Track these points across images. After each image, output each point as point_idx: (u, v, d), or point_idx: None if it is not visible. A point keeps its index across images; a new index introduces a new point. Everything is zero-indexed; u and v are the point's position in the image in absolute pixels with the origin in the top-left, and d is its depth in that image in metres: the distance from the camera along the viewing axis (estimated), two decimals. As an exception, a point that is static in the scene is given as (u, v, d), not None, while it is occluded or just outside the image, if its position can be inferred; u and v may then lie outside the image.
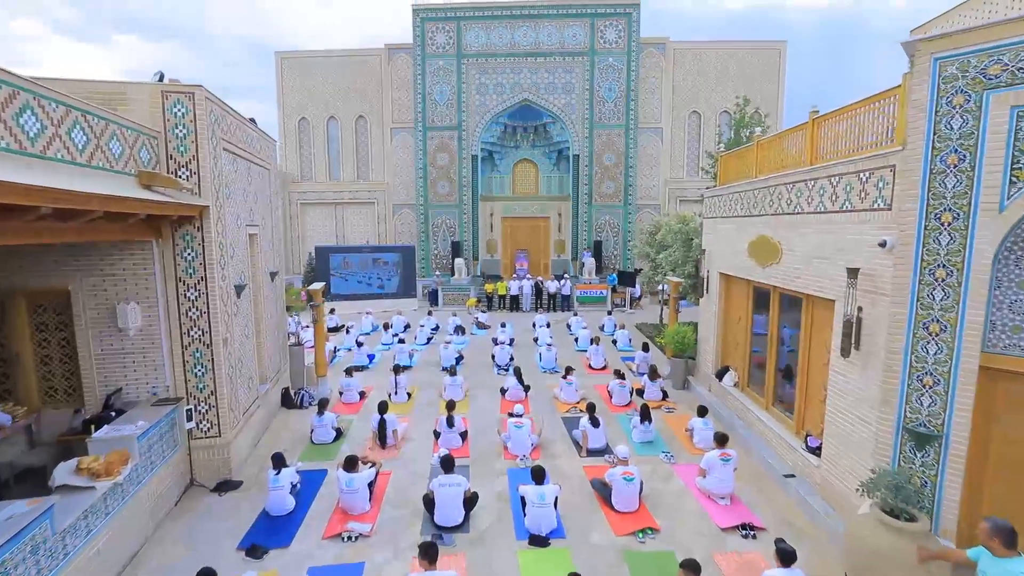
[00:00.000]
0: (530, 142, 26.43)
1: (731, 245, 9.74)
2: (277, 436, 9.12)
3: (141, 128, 6.17)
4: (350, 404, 10.66)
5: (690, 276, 13.08)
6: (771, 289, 8.35)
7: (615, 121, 24.64)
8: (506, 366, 13.07)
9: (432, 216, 25.52)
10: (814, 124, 7.08)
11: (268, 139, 10.15)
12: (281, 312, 10.92)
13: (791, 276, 7.46)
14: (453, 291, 22.81)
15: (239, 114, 8.22)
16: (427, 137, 24.99)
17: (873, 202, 5.55)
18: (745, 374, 9.59)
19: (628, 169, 24.90)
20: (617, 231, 25.33)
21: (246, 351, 8.35)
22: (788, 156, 7.95)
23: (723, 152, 10.87)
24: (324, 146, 26.92)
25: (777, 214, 7.82)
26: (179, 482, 6.84)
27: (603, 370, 13.02)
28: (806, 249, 7.02)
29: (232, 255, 7.71)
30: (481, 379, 12.42)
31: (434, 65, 24.55)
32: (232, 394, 7.51)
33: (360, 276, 22.20)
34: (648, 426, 8.64)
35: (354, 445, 8.72)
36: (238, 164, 8.16)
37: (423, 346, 15.63)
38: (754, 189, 8.69)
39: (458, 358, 13.51)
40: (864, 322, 5.65)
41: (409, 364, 13.37)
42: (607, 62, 24.29)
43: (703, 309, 11.36)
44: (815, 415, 7.21)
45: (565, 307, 21.89)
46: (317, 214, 27.40)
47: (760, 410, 8.68)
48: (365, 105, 26.32)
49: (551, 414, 10.17)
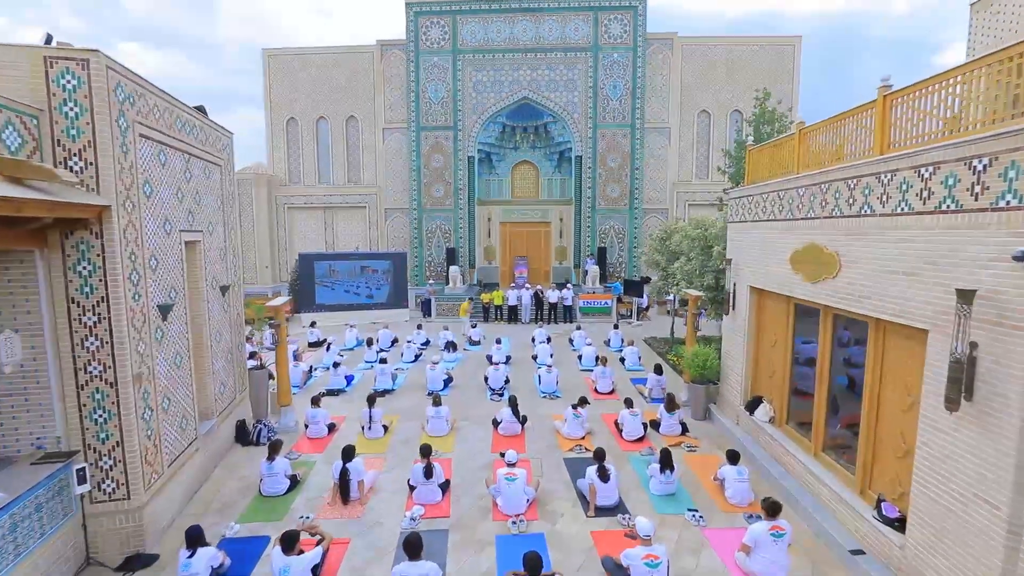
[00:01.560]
0: (530, 143, 24.98)
1: (765, 254, 8.21)
2: (221, 485, 7.57)
3: (8, 103, 4.69)
4: (316, 439, 9.11)
5: (709, 288, 11.53)
6: (822, 309, 6.81)
7: (620, 120, 23.19)
8: (500, 390, 11.52)
9: (426, 221, 24.04)
10: (885, 102, 5.56)
11: (220, 131, 8.67)
12: (237, 332, 9.41)
13: (853, 295, 5.91)
14: (448, 301, 21.29)
15: (171, 96, 6.74)
16: (421, 137, 23.57)
17: (997, 199, 4.01)
18: (783, 408, 8.03)
19: (634, 171, 23.41)
20: (622, 237, 23.80)
21: (178, 385, 6.82)
22: (845, 145, 6.43)
23: (752, 146, 9.34)
24: (313, 148, 25.50)
25: (832, 217, 6.29)
26: (68, 563, 5.29)
27: (611, 395, 11.44)
28: (877, 261, 5.48)
29: (155, 267, 6.21)
30: (472, 405, 10.86)
31: (428, 62, 23.18)
32: (151, 442, 5.98)
33: (347, 285, 20.71)
34: (670, 476, 7.06)
35: (311, 498, 7.17)
36: (169, 156, 6.67)
37: (410, 364, 14.08)
38: (798, 187, 7.16)
39: (447, 380, 11.96)
40: (981, 363, 4.10)
41: (391, 387, 11.81)
42: (612, 58, 22.87)
43: (728, 327, 9.81)
44: (890, 473, 5.64)
45: (567, 318, 20.35)
46: (306, 219, 25.93)
47: (806, 455, 7.11)
48: (356, 105, 24.92)
49: (552, 451, 8.62)
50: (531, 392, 11.66)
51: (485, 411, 10.43)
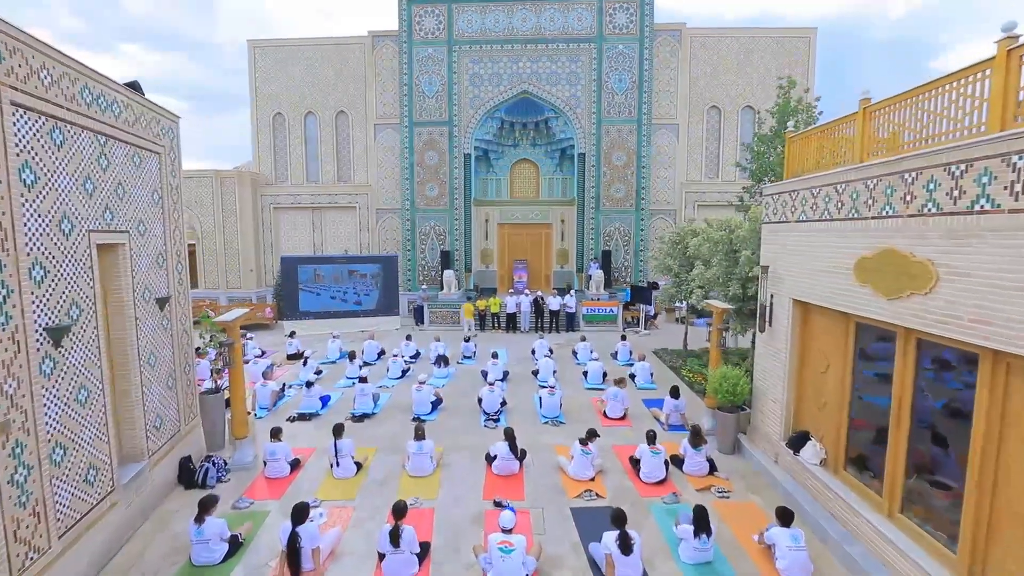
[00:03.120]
0: (530, 140, 23.57)
1: (814, 261, 6.77)
2: (147, 546, 6.09)
3: None
4: (276, 480, 7.64)
5: (735, 299, 10.08)
6: (901, 332, 5.37)
7: (626, 116, 21.77)
8: (496, 414, 10.07)
9: (420, 222, 22.61)
10: (1010, 59, 4.13)
11: (159, 112, 7.24)
12: (183, 352, 7.95)
13: (956, 317, 4.47)
14: (442, 308, 19.84)
15: (78, 62, 5.31)
16: (414, 134, 22.15)
17: None
18: (839, 450, 6.57)
19: (641, 169, 21.98)
20: (628, 239, 22.36)
21: (82, 427, 5.37)
22: (936, 123, 5.00)
23: (792, 132, 7.91)
24: (301, 145, 24.09)
25: (924, 215, 4.85)
26: None
27: (622, 420, 10.00)
28: (1001, 275, 4.05)
29: (40, 279, 4.76)
30: (464, 432, 9.41)
31: (422, 53, 21.78)
32: (27, 511, 4.53)
33: (333, 291, 19.26)
34: (706, 541, 5.61)
35: (256, 567, 5.70)
36: (69, 136, 5.23)
37: (396, 380, 12.62)
38: (866, 178, 5.73)
39: (436, 402, 10.50)
40: None
41: (371, 411, 10.35)
42: (617, 50, 21.48)
43: (764, 347, 8.36)
44: (1011, 556, 4.20)
45: (569, 327, 18.90)
46: (292, 220, 24.50)
47: (876, 515, 5.65)
48: (346, 99, 23.53)
49: (556, 497, 7.17)
50: (531, 416, 10.21)
51: (478, 440, 8.99)
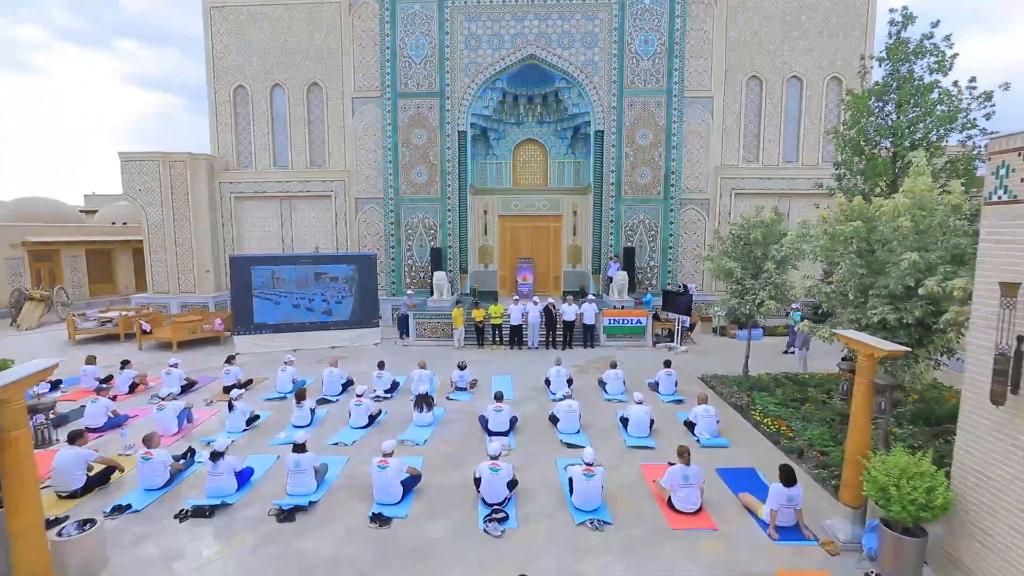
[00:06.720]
0: (537, 116, 19.89)
1: None
2: None
3: None
4: None
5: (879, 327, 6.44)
6: None
7: (653, 86, 18.11)
8: (501, 507, 6.47)
9: (405, 214, 18.95)
10: None
11: None
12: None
13: None
14: (430, 319, 16.18)
15: None
16: (399, 107, 18.48)
17: None
18: None
19: (671, 150, 18.34)
20: (655, 234, 18.73)
21: None
22: None
23: None
24: (267, 123, 20.35)
25: None
26: None
27: (697, 515, 6.42)
28: None
29: None
30: (449, 544, 5.74)
31: (408, 10, 18.07)
32: None
33: (296, 298, 15.60)
34: None
35: None
36: None
37: (361, 432, 9.02)
38: None
39: (409, 482, 6.90)
40: None
41: (307, 499, 6.71)
42: (642, 4, 17.79)
43: (997, 429, 4.76)
44: None
45: (587, 341, 15.30)
46: (258, 212, 20.78)
47: None
48: (320, 69, 19.76)
49: None
50: (557, 508, 6.61)
51: (474, 569, 5.39)
